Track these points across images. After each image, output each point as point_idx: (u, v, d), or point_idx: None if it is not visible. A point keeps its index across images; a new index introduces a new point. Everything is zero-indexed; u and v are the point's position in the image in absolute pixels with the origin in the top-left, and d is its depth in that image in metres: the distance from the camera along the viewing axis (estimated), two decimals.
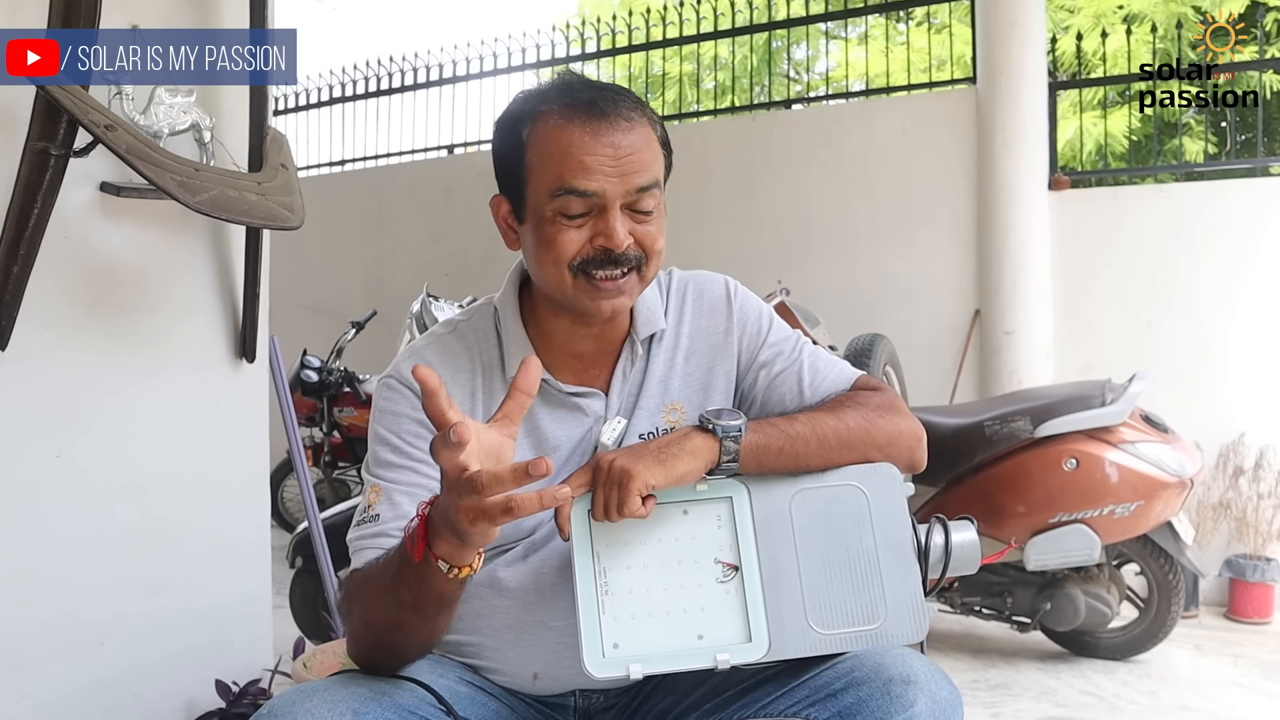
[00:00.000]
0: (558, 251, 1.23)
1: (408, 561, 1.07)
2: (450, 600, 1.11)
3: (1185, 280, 4.54)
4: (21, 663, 2.12)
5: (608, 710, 1.37)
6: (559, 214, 1.22)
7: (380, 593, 1.14)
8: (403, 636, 1.16)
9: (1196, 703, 3.11)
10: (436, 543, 1.03)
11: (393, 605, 1.12)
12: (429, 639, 1.19)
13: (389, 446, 1.30)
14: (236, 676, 2.47)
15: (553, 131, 1.23)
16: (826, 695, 1.15)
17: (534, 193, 1.25)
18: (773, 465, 1.23)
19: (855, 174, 5.25)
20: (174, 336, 2.44)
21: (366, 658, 1.21)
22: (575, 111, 1.22)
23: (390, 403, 1.33)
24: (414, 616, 1.12)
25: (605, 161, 1.20)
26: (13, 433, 2.12)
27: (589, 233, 1.23)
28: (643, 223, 1.25)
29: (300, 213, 2.29)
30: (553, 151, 1.22)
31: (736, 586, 1.20)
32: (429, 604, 1.10)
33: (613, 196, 1.21)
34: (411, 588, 1.09)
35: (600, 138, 1.21)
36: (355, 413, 5.39)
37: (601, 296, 1.25)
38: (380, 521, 1.25)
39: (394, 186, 6.93)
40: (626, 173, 1.21)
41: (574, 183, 1.20)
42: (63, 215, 2.08)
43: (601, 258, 1.23)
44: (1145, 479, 3.19)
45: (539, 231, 1.25)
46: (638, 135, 1.23)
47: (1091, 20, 7.34)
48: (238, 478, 2.61)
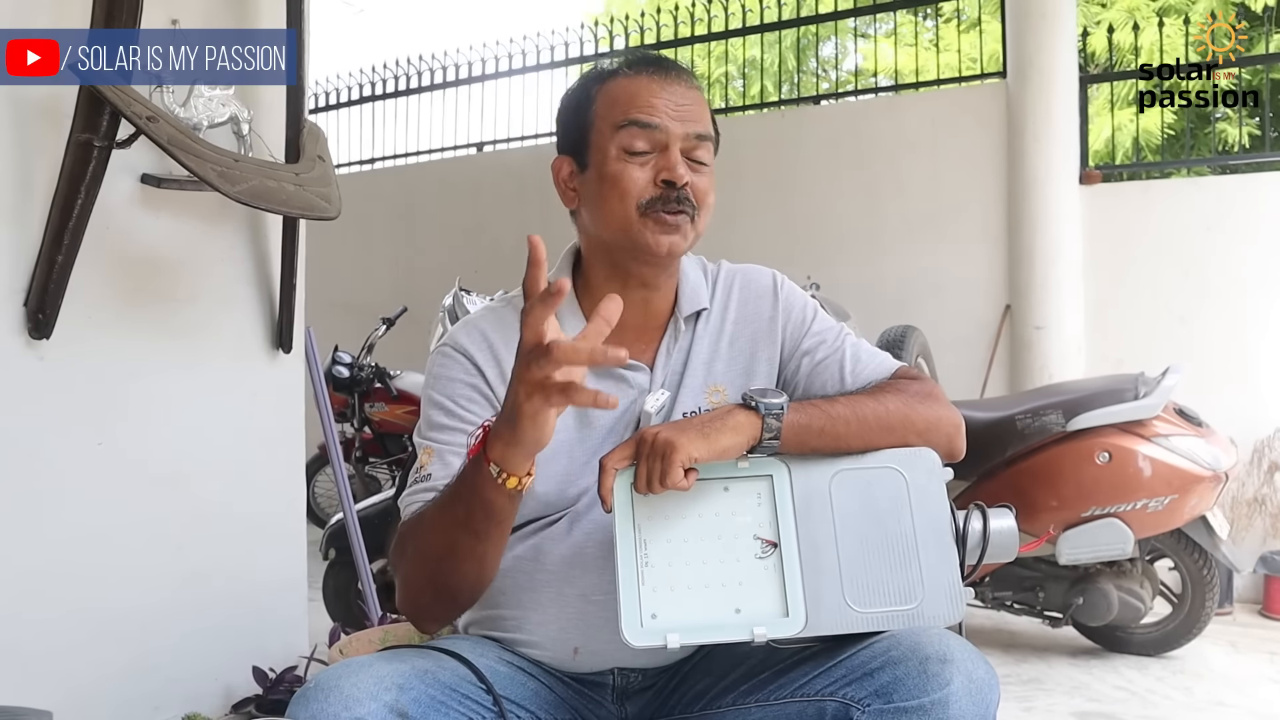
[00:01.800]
0: (624, 187, 1.30)
1: (464, 476, 1.14)
2: (500, 517, 1.15)
3: (1218, 274, 4.50)
4: (65, 647, 2.16)
5: (645, 690, 1.38)
6: (623, 150, 1.30)
7: (435, 518, 1.19)
8: (455, 562, 1.19)
9: (1232, 699, 3.08)
10: (493, 443, 1.09)
11: (448, 525, 1.17)
12: (479, 571, 1.22)
13: (442, 410, 1.33)
14: (273, 663, 2.50)
15: (621, 83, 1.33)
16: (863, 674, 1.15)
17: (598, 135, 1.32)
18: (813, 445, 1.24)
19: (885, 169, 5.24)
20: (212, 327, 2.47)
21: (417, 604, 1.26)
22: (643, 66, 1.33)
23: (444, 369, 1.36)
24: (465, 535, 1.16)
25: (669, 104, 1.30)
26: (56, 420, 2.16)
27: (652, 171, 1.30)
28: (698, 172, 1.32)
29: (337, 203, 2.32)
30: (620, 97, 1.32)
31: (775, 563, 1.21)
32: (480, 518, 1.14)
33: (674, 136, 1.30)
34: (465, 501, 1.14)
35: (666, 86, 1.31)
36: (386, 408, 5.44)
37: (664, 231, 1.30)
38: (432, 479, 1.28)
39: (424, 185, 6.97)
40: (686, 118, 1.31)
41: (639, 115, 1.29)
42: (105, 206, 2.12)
43: (664, 196, 1.29)
44: (1179, 473, 3.17)
45: (603, 171, 1.31)
46: (695, 94, 1.34)
47: (1124, 14, 7.28)
48: (274, 467, 2.64)
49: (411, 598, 1.26)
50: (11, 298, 2.06)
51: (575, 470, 1.32)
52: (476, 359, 1.34)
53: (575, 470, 1.32)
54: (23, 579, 2.10)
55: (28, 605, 2.11)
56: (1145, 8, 7.33)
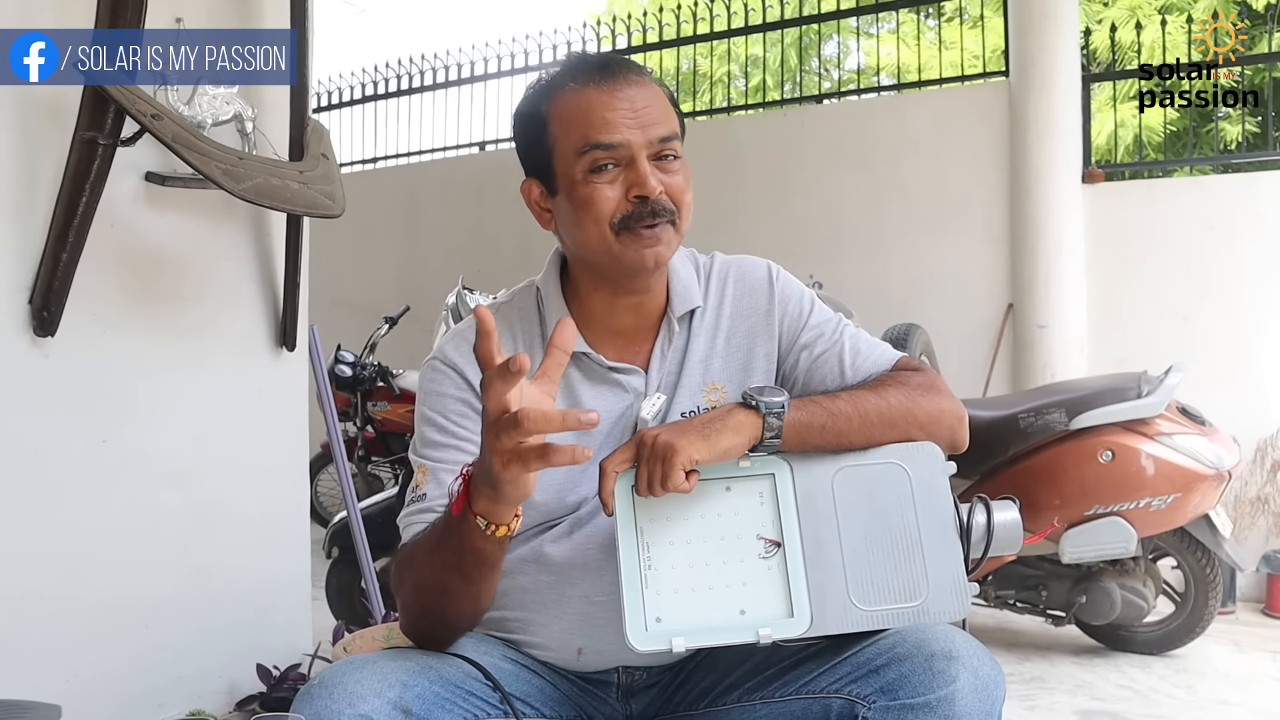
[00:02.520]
0: (597, 209, 1.26)
1: (451, 522, 1.11)
2: (490, 561, 1.14)
3: (1221, 273, 4.49)
4: (70, 643, 2.17)
5: (650, 688, 1.38)
6: (588, 173, 1.26)
7: (427, 557, 1.17)
8: (449, 601, 1.19)
9: (1235, 697, 3.08)
10: (476, 498, 1.07)
11: (439, 568, 1.16)
12: (474, 606, 1.21)
13: (435, 427, 1.31)
14: (277, 660, 2.51)
15: (570, 98, 1.27)
16: (868, 671, 1.15)
17: (561, 160, 1.28)
18: (815, 442, 1.23)
19: (887, 168, 5.24)
20: (216, 325, 2.48)
21: (418, 628, 1.25)
22: (588, 76, 1.27)
23: (435, 384, 1.34)
24: (457, 579, 1.15)
25: (625, 115, 1.25)
26: (62, 418, 2.16)
27: (622, 187, 1.26)
28: (669, 173, 1.28)
29: (341, 201, 2.32)
30: (574, 115, 1.26)
31: (779, 562, 1.20)
32: (470, 564, 1.13)
33: (637, 146, 1.25)
34: (455, 549, 1.12)
35: (616, 93, 1.25)
36: (389, 407, 5.44)
37: (646, 245, 1.27)
38: (427, 500, 1.26)
39: (426, 184, 6.98)
40: (646, 124, 1.26)
41: (598, 137, 1.24)
42: (109, 204, 2.12)
43: (639, 210, 1.26)
44: (1182, 471, 3.16)
45: (573, 196, 1.28)
46: (650, 91, 1.28)
47: (1126, 12, 7.27)
48: (278, 465, 2.65)
49: (411, 623, 1.26)
50: (16, 295, 2.06)
51: (574, 477, 1.30)
52: (465, 372, 1.31)
53: (574, 477, 1.30)
54: (28, 576, 2.11)
55: (33, 602, 2.12)
56: (1147, 5, 7.32)
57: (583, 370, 1.34)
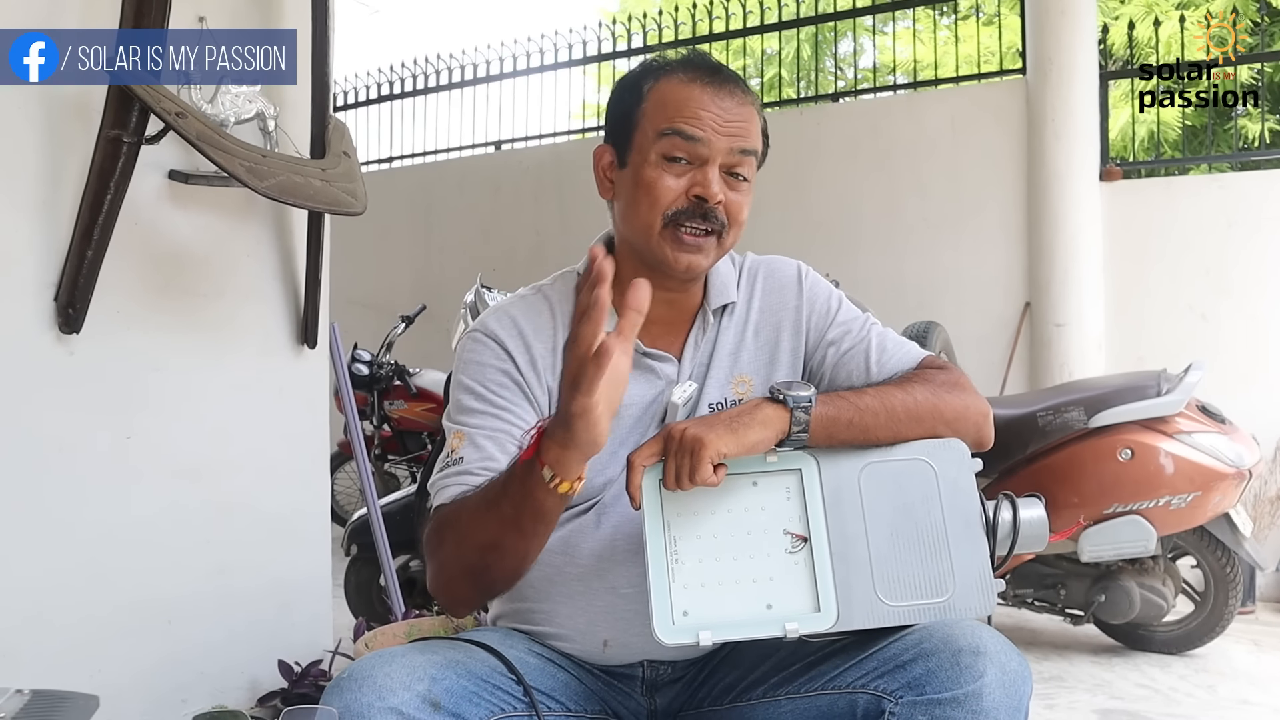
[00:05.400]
0: (656, 195, 1.29)
1: (514, 476, 1.15)
2: (548, 518, 1.17)
3: (1241, 271, 4.48)
4: (94, 640, 2.18)
5: (675, 683, 1.38)
6: (662, 156, 1.29)
7: (480, 513, 1.20)
8: (497, 557, 1.20)
9: (1257, 697, 3.07)
10: (547, 447, 1.10)
11: (492, 522, 1.18)
12: (518, 565, 1.23)
13: (473, 394, 1.33)
14: (298, 657, 2.51)
15: (674, 85, 1.31)
16: (895, 667, 1.15)
17: (642, 135, 1.32)
18: (842, 437, 1.24)
19: (904, 166, 5.23)
20: (238, 322, 2.49)
21: (452, 591, 1.27)
22: (699, 72, 1.31)
23: (475, 354, 1.37)
24: (513, 534, 1.18)
25: (717, 118, 1.28)
26: (87, 415, 2.17)
27: (686, 183, 1.29)
28: (735, 189, 1.31)
29: (363, 199, 2.33)
30: (671, 99, 1.30)
31: (805, 558, 1.21)
32: (528, 519, 1.16)
33: (716, 151, 1.28)
34: (514, 501, 1.15)
35: (718, 98, 1.29)
36: (405, 405, 5.46)
37: (683, 249, 1.30)
38: (465, 463, 1.28)
39: (442, 183, 7.00)
40: (733, 134, 1.29)
41: (684, 126, 1.28)
42: (133, 202, 2.13)
43: (694, 209, 1.29)
44: (1202, 470, 3.15)
45: (639, 174, 1.31)
46: (748, 111, 1.32)
47: (1143, 8, 7.24)
48: (299, 462, 2.66)
49: (446, 584, 1.27)
50: (42, 292, 2.08)
51: (602, 460, 1.31)
52: (507, 345, 1.35)
53: (602, 460, 1.31)
54: (53, 572, 2.12)
55: (57, 597, 2.13)
56: (1164, 2, 7.28)
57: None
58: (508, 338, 1.35)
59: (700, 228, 1.29)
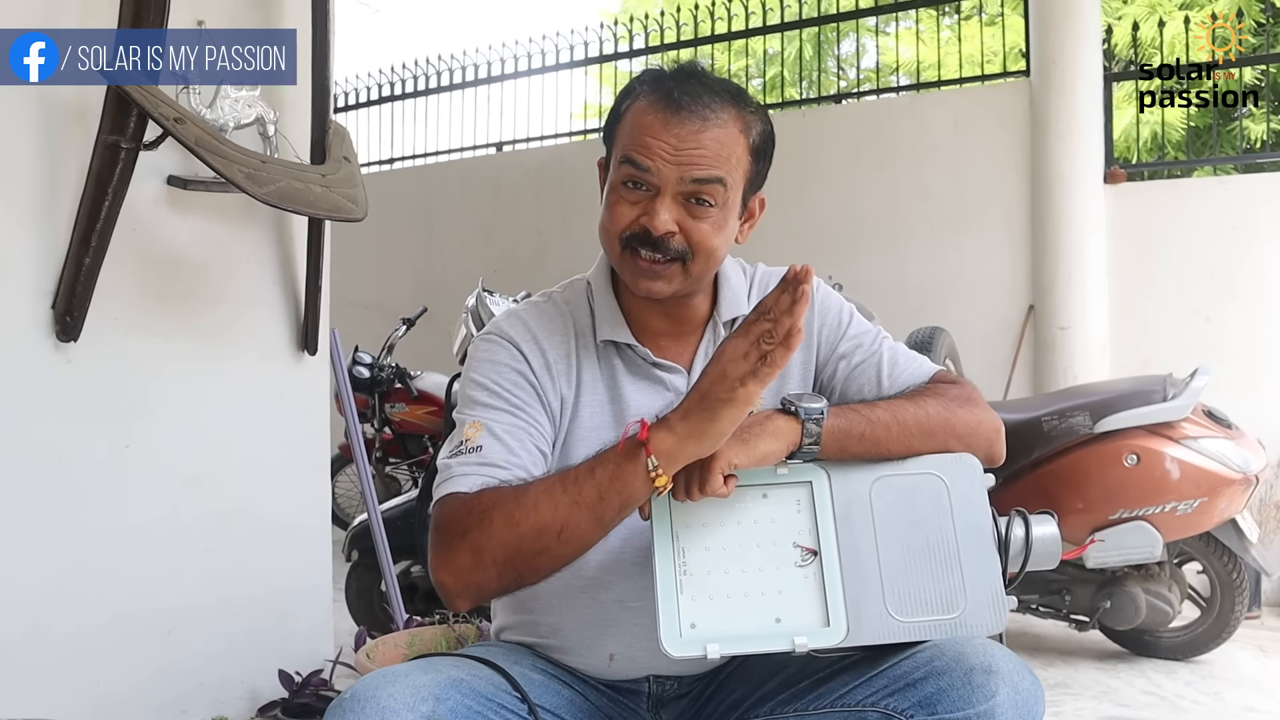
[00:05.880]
0: (612, 217, 1.30)
1: (606, 462, 1.14)
2: (629, 508, 1.16)
3: (1246, 273, 4.45)
4: (93, 649, 2.17)
5: (681, 698, 1.37)
6: (621, 182, 1.29)
7: (552, 496, 1.16)
8: (559, 545, 1.16)
9: (1263, 705, 3.04)
10: (662, 437, 1.11)
11: (569, 507, 1.15)
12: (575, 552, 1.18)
13: (486, 390, 1.31)
14: (298, 666, 2.50)
15: (638, 110, 1.30)
16: (906, 685, 1.13)
17: (613, 158, 1.32)
18: (854, 450, 1.23)
19: (906, 168, 5.21)
20: (238, 328, 2.47)
21: (475, 575, 1.18)
22: (657, 97, 1.28)
23: (488, 353, 1.35)
24: (587, 521, 1.15)
25: (665, 148, 1.25)
26: (85, 423, 2.16)
27: (639, 211, 1.28)
28: (697, 216, 1.28)
29: (364, 205, 2.32)
30: (631, 125, 1.30)
31: (815, 571, 1.19)
32: (612, 506, 1.14)
33: (666, 181, 1.26)
34: (600, 487, 1.14)
35: (668, 127, 1.26)
36: (407, 408, 5.44)
37: (640, 275, 1.30)
38: (484, 453, 1.24)
39: (443, 184, 6.98)
40: (684, 163, 1.25)
41: (634, 155, 1.27)
42: (131, 208, 2.12)
43: (644, 237, 1.27)
44: (1208, 475, 3.13)
45: (607, 193, 1.32)
46: (711, 133, 1.26)
47: (1146, 9, 7.22)
48: (299, 469, 2.64)
49: (472, 567, 1.18)
50: (39, 300, 2.06)
51: None
52: (522, 347, 1.34)
53: None
54: (51, 582, 2.11)
55: (57, 608, 2.11)
56: (1168, 2, 7.26)
57: (626, 363, 1.37)
58: (522, 341, 1.35)
59: (654, 255, 1.28)
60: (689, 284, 1.32)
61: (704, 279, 1.34)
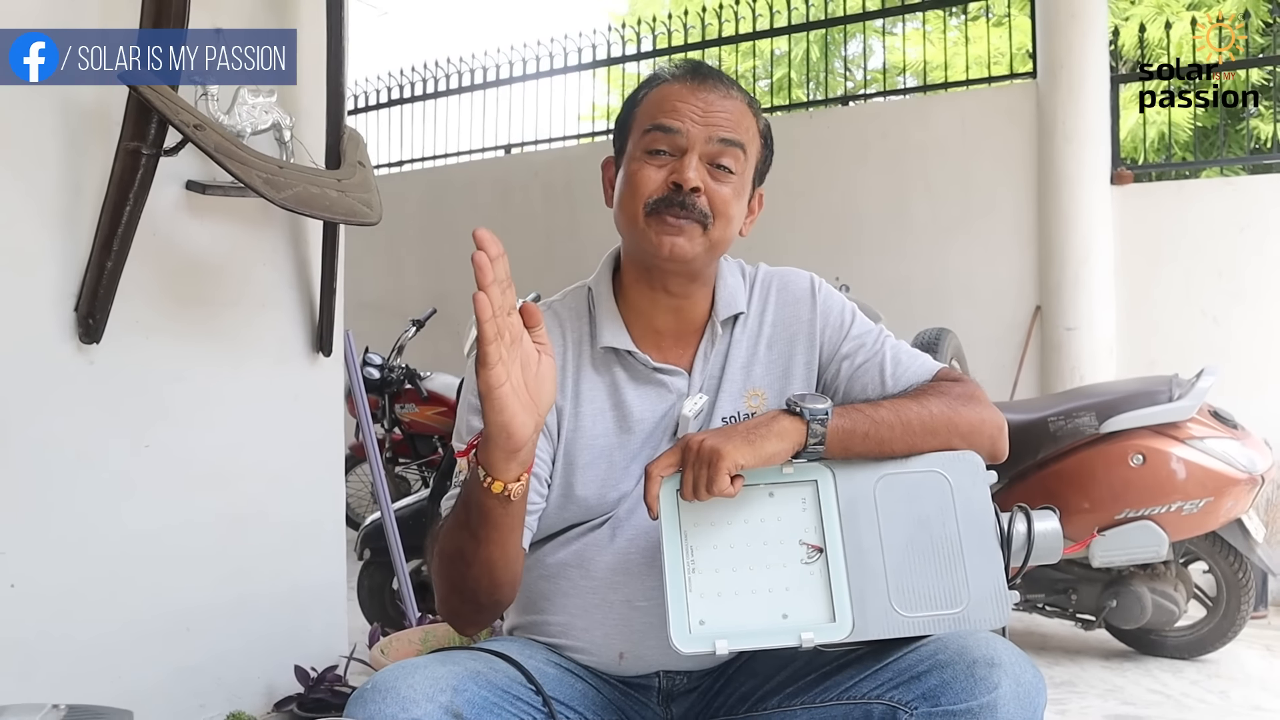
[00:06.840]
0: (637, 185, 1.32)
1: (465, 482, 1.18)
2: (493, 521, 1.16)
3: (1254, 274, 4.46)
4: (112, 648, 2.20)
5: (690, 692, 1.39)
6: (645, 151, 1.32)
7: (449, 523, 1.23)
8: (464, 567, 1.21)
9: (1269, 703, 3.06)
10: (481, 449, 1.13)
11: (456, 529, 1.21)
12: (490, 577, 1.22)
13: (478, 414, 1.34)
14: (314, 662, 2.53)
15: (661, 88, 1.36)
16: (910, 678, 1.16)
17: (632, 138, 1.37)
18: (858, 449, 1.25)
19: (914, 170, 5.23)
20: (254, 330, 2.51)
21: (447, 606, 1.29)
22: (681, 73, 1.37)
23: None
24: (469, 539, 1.19)
25: (694, 109, 1.32)
26: (105, 423, 2.20)
27: (666, 173, 1.32)
28: (719, 180, 1.33)
29: (378, 209, 2.35)
30: (655, 100, 1.35)
31: (821, 568, 1.22)
32: (477, 522, 1.17)
33: (694, 139, 1.31)
34: (466, 504, 1.17)
35: (695, 92, 1.33)
36: (416, 409, 5.47)
37: (665, 232, 1.31)
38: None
39: (452, 187, 7.01)
40: (712, 124, 1.31)
41: (663, 119, 1.32)
42: (151, 212, 2.15)
43: (672, 198, 1.31)
44: (1214, 475, 3.14)
45: (626, 171, 1.35)
46: (732, 103, 1.34)
47: (1153, 10, 7.22)
48: (314, 469, 2.68)
49: (442, 600, 1.29)
50: (62, 303, 2.10)
51: (615, 475, 1.34)
52: None
53: (615, 475, 1.34)
54: (71, 581, 2.14)
55: (77, 604, 2.15)
56: (1175, 3, 7.25)
57: (627, 370, 1.39)
58: None
59: (680, 214, 1.31)
60: (707, 252, 1.35)
61: (718, 250, 1.37)
